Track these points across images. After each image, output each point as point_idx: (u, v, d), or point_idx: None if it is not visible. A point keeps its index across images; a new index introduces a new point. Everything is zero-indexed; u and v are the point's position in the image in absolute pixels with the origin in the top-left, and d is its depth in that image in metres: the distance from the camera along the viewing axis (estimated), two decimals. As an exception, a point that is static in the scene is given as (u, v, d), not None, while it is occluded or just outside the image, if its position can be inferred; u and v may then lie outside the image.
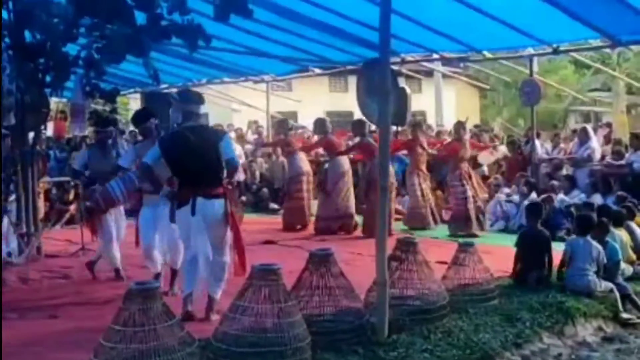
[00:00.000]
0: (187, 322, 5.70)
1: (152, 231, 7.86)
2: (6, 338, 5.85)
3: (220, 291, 6.66)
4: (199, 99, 7.12)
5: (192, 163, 6.56)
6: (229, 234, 6.70)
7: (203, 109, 7.09)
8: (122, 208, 8.84)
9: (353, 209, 12.71)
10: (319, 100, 26.91)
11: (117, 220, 8.73)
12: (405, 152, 13.88)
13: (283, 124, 14.32)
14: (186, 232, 6.78)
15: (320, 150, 14.78)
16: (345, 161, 12.88)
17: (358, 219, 12.54)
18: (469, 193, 12.29)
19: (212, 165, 6.61)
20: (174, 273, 7.85)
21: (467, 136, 13.32)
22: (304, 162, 13.44)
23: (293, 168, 13.46)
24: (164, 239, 7.83)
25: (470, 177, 12.57)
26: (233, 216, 6.69)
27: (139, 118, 8.30)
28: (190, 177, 6.64)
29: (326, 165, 13.55)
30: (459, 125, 13.15)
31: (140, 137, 8.90)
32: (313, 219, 13.05)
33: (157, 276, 7.85)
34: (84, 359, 4.67)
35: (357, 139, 12.85)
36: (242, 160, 16.76)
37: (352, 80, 13.28)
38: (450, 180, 12.62)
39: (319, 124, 13.45)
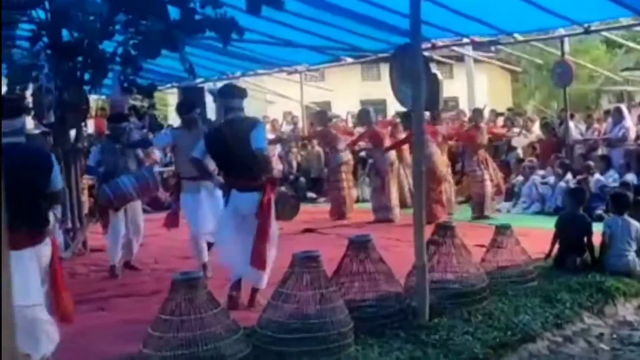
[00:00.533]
0: (232, 310, 5.77)
1: (197, 217, 8.01)
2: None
3: (262, 280, 6.69)
4: (239, 93, 7.06)
5: (228, 156, 6.65)
6: (272, 226, 6.69)
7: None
8: (138, 204, 8.83)
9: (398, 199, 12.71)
10: (352, 89, 26.88)
11: (133, 217, 8.69)
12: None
13: (322, 115, 14.29)
14: (219, 223, 6.98)
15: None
16: (391, 152, 12.79)
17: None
18: (486, 177, 12.41)
19: (245, 157, 6.55)
20: (209, 246, 8.10)
21: (484, 123, 13.48)
22: (344, 153, 13.35)
23: (333, 159, 13.41)
24: (208, 221, 7.95)
25: (487, 162, 12.71)
26: (267, 209, 6.60)
27: (184, 109, 8.37)
28: (228, 170, 6.76)
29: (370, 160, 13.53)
30: (477, 113, 13.40)
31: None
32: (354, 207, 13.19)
33: (203, 267, 7.88)
34: (133, 349, 4.73)
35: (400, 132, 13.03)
36: (277, 151, 16.83)
37: (384, 69, 13.17)
38: (469, 166, 12.81)
39: (364, 115, 13.38)
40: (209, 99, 16.72)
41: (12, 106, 5.45)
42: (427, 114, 10.14)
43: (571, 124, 14.27)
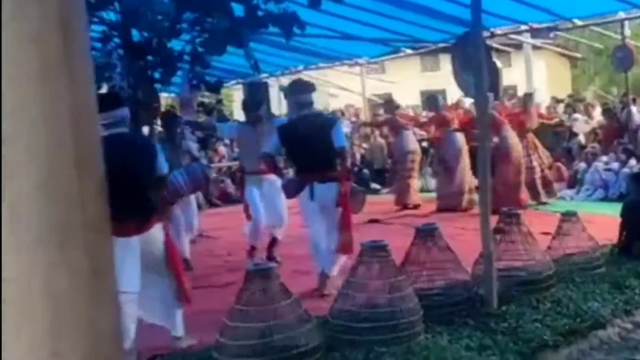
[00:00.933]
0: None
1: (259, 209, 8.34)
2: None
3: (335, 268, 6.81)
4: (310, 88, 7.30)
5: (308, 151, 6.79)
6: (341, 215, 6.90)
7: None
8: (192, 198, 8.85)
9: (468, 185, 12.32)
10: (412, 80, 26.69)
11: (186, 212, 8.71)
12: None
13: (390, 103, 14.18)
14: (306, 215, 7.06)
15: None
16: (460, 137, 12.36)
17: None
18: (535, 163, 12.13)
19: (326, 152, 6.81)
20: (274, 241, 8.44)
21: (533, 108, 13.15)
22: (411, 141, 13.18)
23: (400, 147, 13.22)
24: (270, 212, 8.29)
25: (535, 147, 12.41)
26: (346, 198, 6.87)
27: (250, 106, 8.52)
28: (306, 163, 6.88)
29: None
30: (527, 98, 13.11)
31: None
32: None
33: (252, 249, 8.32)
34: (210, 339, 4.78)
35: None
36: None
37: (444, 59, 13.13)
38: None
39: (431, 100, 13.22)
40: (273, 94, 16.87)
41: (113, 98, 5.70)
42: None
43: (633, 108, 13.92)
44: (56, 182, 0.93)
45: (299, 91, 7.16)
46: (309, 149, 6.80)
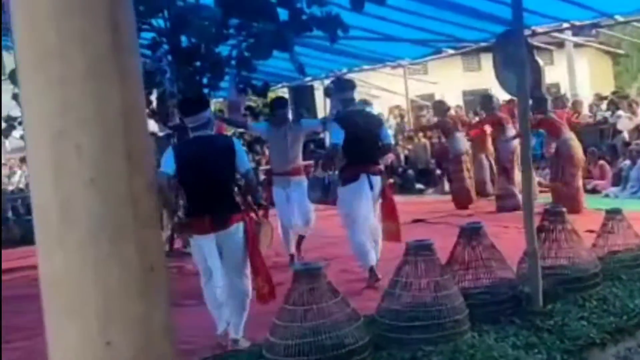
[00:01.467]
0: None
1: (286, 210, 8.42)
2: (184, 323, 6.09)
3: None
4: (353, 85, 7.79)
5: (364, 143, 7.16)
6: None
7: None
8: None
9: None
10: (454, 81, 26.47)
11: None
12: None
13: (440, 105, 13.97)
14: (355, 205, 7.21)
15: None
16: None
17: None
18: None
19: (377, 147, 7.41)
20: (300, 239, 8.59)
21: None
22: (463, 142, 12.96)
23: (453, 148, 12.99)
24: (298, 213, 8.34)
25: None
26: (391, 190, 7.71)
27: (277, 105, 8.62)
28: (363, 155, 7.20)
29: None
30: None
31: None
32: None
33: (291, 257, 8.42)
34: (260, 338, 4.79)
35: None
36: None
37: (485, 59, 12.98)
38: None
39: (486, 100, 12.96)
40: (318, 97, 16.88)
41: (198, 101, 5.93)
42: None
43: (677, 104, 13.63)
44: (107, 179, 0.93)
45: (343, 88, 7.49)
46: (365, 141, 7.17)
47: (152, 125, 9.64)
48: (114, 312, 0.89)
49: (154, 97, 9.13)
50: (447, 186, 15.05)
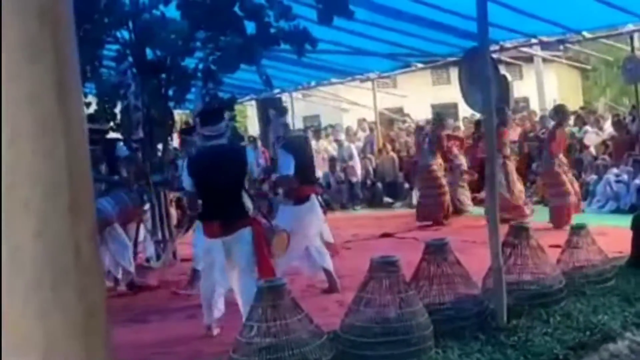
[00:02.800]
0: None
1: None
2: (147, 339, 6.10)
3: None
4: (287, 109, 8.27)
5: (310, 165, 7.54)
6: None
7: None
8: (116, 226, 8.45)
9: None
10: (423, 94, 26.64)
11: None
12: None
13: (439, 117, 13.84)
14: (308, 224, 7.41)
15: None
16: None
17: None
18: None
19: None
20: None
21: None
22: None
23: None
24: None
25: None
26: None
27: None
28: (310, 177, 7.59)
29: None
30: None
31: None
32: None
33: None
34: (224, 354, 4.79)
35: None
36: (353, 160, 16.79)
37: (454, 72, 13.04)
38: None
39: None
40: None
41: (215, 114, 6.34)
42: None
43: (644, 120, 13.86)
44: (51, 229, 0.98)
45: (283, 112, 8.17)
46: (311, 163, 7.86)
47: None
48: (56, 353, 0.93)
49: (117, 110, 9.10)
50: (415, 199, 15.16)
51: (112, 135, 9.74)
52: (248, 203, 6.34)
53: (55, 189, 0.96)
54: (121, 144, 9.67)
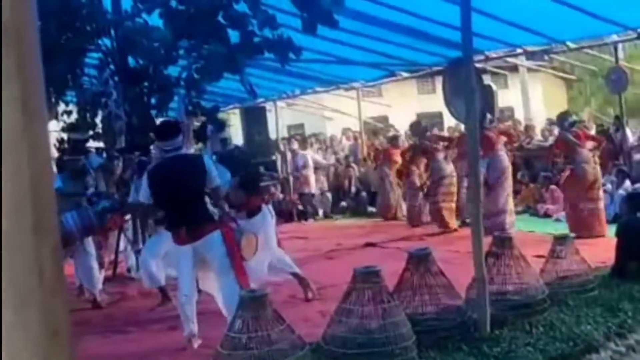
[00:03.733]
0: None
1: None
2: (127, 351, 6.07)
3: None
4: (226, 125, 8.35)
5: (256, 176, 8.04)
6: None
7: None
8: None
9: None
10: (408, 103, 26.71)
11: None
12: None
13: (417, 126, 13.79)
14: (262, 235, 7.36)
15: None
16: (504, 157, 11.78)
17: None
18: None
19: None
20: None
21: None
22: (445, 164, 12.70)
23: (435, 171, 12.74)
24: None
25: None
26: None
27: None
28: (257, 188, 8.02)
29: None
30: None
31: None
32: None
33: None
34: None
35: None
36: (307, 169, 16.67)
37: (439, 81, 13.09)
38: None
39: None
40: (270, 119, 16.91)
41: (172, 128, 6.49)
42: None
43: (628, 130, 13.97)
44: (15, 250, 0.98)
45: (222, 127, 8.13)
46: (257, 175, 8.19)
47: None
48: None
49: (99, 120, 9.05)
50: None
51: (92, 144, 9.67)
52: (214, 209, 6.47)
53: (18, 211, 0.97)
54: (94, 153, 9.59)
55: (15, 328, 0.95)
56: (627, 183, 12.03)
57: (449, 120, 18.67)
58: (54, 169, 8.71)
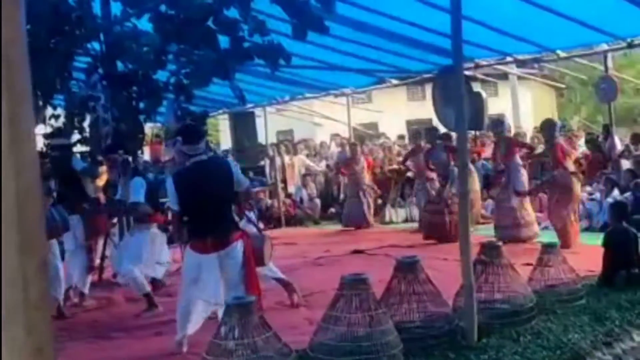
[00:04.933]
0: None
1: None
2: (114, 357, 6.05)
3: None
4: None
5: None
6: None
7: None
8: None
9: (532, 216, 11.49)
10: (398, 110, 26.79)
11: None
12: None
13: (433, 132, 13.52)
14: None
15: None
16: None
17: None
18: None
19: None
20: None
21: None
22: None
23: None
24: None
25: None
26: None
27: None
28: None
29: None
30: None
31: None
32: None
33: None
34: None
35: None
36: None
37: (430, 89, 13.10)
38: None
39: (498, 124, 12.31)
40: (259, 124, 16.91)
41: (196, 132, 6.38)
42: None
43: (616, 138, 14.03)
44: (0, 268, 0.99)
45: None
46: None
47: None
48: (4, 390, 0.96)
49: (86, 124, 9.03)
50: (387, 215, 15.24)
51: (79, 148, 9.64)
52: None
53: (4, 229, 0.98)
54: (78, 156, 9.55)
55: (2, 344, 0.96)
56: (616, 192, 12.08)
57: (439, 128, 18.73)
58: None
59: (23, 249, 0.99)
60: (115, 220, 9.08)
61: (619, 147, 13.99)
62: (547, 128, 11.20)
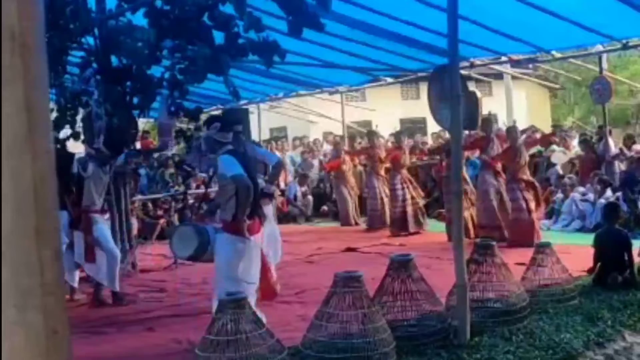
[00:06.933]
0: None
1: None
2: (105, 352, 6.05)
3: None
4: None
5: None
6: None
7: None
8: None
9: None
10: (392, 108, 26.77)
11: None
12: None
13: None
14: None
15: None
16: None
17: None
18: (407, 196, 12.98)
19: None
20: None
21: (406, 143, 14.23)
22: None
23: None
24: None
25: (410, 181, 13.32)
26: None
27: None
28: None
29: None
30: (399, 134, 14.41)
31: None
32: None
33: None
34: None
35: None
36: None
37: (424, 88, 13.15)
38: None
39: (487, 124, 12.20)
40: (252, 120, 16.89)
41: (236, 120, 6.77)
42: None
43: (610, 140, 14.07)
44: (17, 252, 1.00)
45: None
46: None
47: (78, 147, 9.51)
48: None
49: (79, 119, 9.01)
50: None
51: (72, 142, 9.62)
52: None
53: (20, 213, 0.99)
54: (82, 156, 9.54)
55: (16, 327, 0.97)
56: (609, 192, 12.13)
57: (433, 126, 18.76)
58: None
59: (39, 233, 1.00)
60: (106, 216, 9.06)
61: (613, 148, 14.04)
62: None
